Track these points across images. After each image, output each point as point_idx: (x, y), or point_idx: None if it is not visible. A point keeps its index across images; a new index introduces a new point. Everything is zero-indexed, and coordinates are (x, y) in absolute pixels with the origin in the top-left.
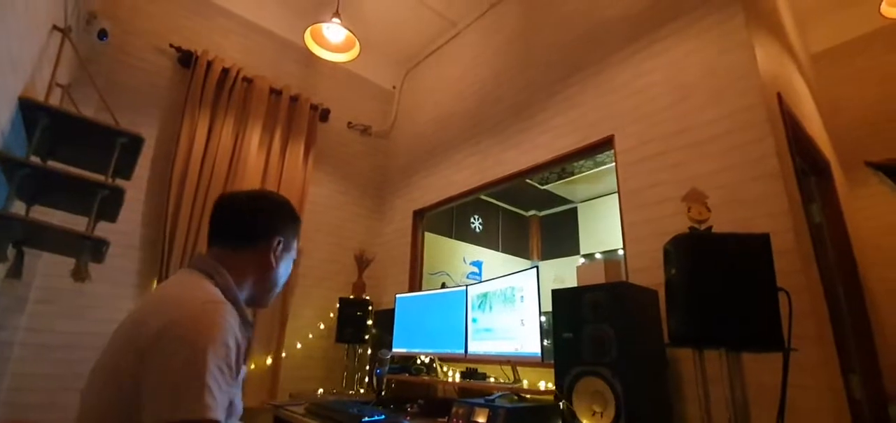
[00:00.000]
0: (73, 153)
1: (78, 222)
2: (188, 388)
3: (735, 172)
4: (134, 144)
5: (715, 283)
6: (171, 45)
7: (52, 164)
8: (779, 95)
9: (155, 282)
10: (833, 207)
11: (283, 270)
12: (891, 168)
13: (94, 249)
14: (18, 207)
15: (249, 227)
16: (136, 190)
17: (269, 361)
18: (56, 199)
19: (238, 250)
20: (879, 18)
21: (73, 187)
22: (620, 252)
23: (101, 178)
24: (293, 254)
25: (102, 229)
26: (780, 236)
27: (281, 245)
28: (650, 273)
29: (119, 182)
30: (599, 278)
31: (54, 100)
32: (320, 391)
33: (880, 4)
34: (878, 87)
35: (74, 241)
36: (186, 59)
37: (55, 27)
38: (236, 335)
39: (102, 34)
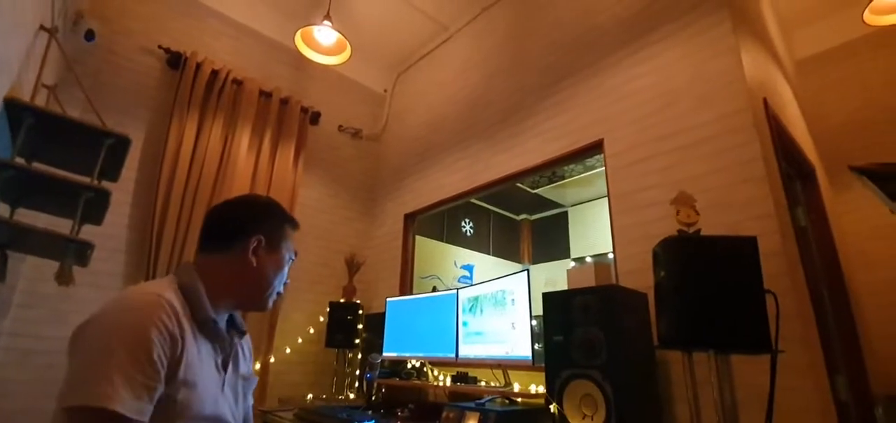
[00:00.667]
0: (58, 155)
1: (63, 225)
2: (89, 375)
3: (722, 175)
4: (121, 146)
5: (703, 285)
6: (159, 47)
7: (36, 165)
8: (765, 101)
9: None
10: (818, 211)
11: (272, 270)
12: (875, 173)
13: (79, 252)
14: (2, 210)
15: (225, 230)
16: (122, 193)
17: (257, 366)
18: (41, 201)
19: (216, 254)
20: (863, 26)
21: (57, 189)
22: (610, 255)
23: (86, 179)
24: (287, 253)
25: (88, 233)
26: (766, 238)
27: (261, 244)
28: (640, 276)
29: (105, 184)
30: (589, 281)
31: (40, 100)
32: (310, 396)
33: (863, 12)
34: (861, 92)
35: (58, 244)
36: (175, 60)
37: (42, 27)
38: (170, 330)
39: (90, 35)
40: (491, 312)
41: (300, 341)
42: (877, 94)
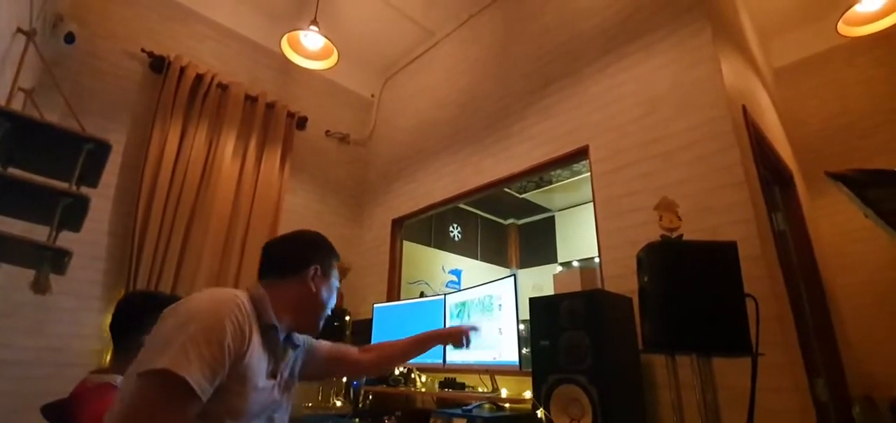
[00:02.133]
0: (36, 160)
1: (40, 232)
2: (167, 347)
3: (703, 181)
4: (101, 151)
5: (685, 290)
6: (142, 50)
7: (12, 171)
8: (743, 108)
9: (122, 294)
10: (796, 215)
11: (325, 294)
12: (850, 178)
13: (55, 260)
14: None
15: (287, 261)
16: (102, 199)
17: None
18: (17, 207)
19: (279, 282)
20: (837, 36)
21: (34, 195)
22: (597, 260)
23: (64, 185)
24: (335, 281)
25: (66, 240)
26: (746, 243)
27: (318, 272)
28: (625, 281)
29: (84, 190)
30: (576, 285)
31: (17, 105)
32: None
33: (837, 23)
34: (837, 100)
35: (33, 251)
36: (158, 64)
37: (19, 30)
38: (241, 325)
39: (70, 38)
40: (478, 317)
41: None
42: (853, 100)
